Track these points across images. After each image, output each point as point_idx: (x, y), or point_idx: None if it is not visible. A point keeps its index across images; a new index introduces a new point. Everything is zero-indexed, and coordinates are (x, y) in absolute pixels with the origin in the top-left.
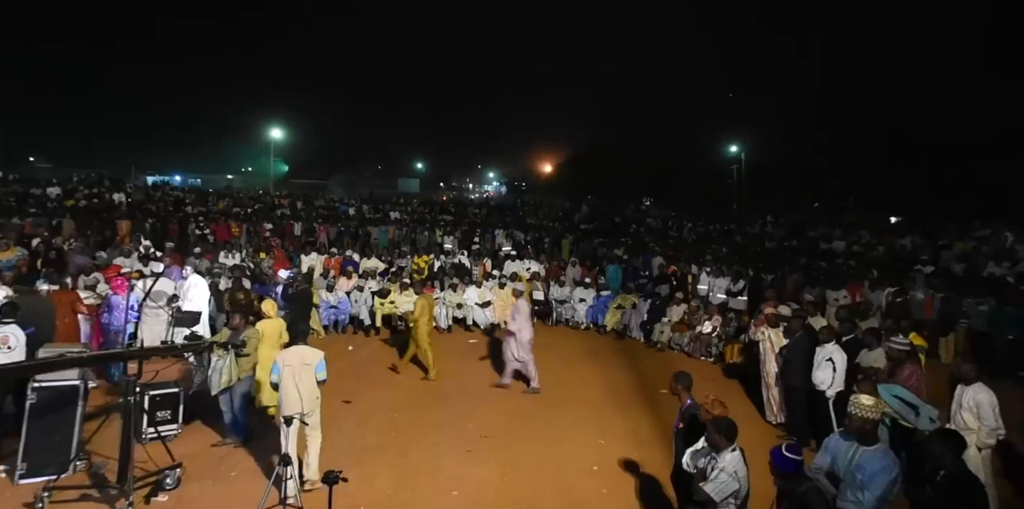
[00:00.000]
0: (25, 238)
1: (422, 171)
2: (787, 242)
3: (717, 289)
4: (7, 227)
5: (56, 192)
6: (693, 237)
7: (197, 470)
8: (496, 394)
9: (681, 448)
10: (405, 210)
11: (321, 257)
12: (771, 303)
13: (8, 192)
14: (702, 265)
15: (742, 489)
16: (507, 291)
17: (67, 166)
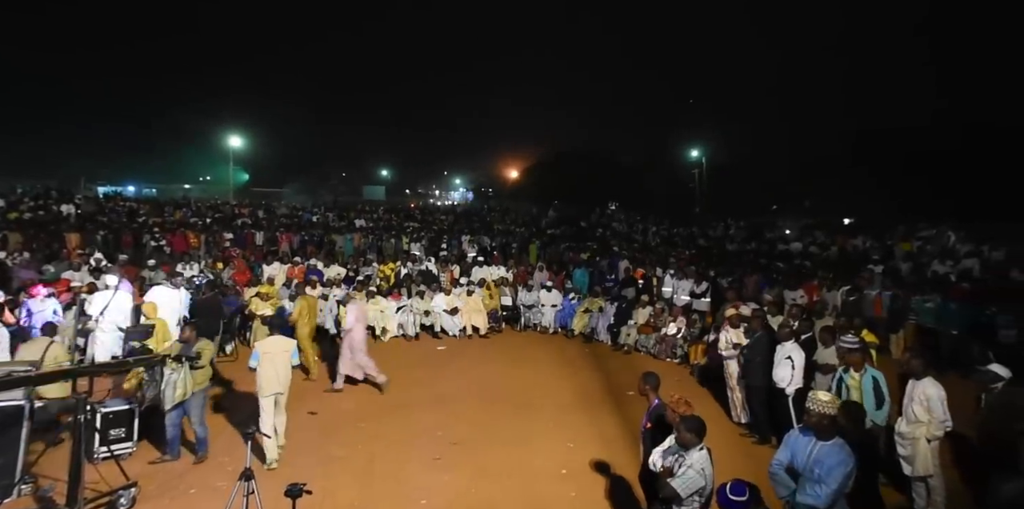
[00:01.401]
0: None
1: (388, 178)
2: (747, 244)
3: (681, 291)
4: None
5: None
6: (658, 240)
7: (154, 489)
8: (466, 401)
9: (649, 448)
10: (371, 217)
11: (284, 266)
12: (733, 304)
13: None
14: (666, 268)
15: (707, 487)
16: (475, 297)
17: (10, 177)
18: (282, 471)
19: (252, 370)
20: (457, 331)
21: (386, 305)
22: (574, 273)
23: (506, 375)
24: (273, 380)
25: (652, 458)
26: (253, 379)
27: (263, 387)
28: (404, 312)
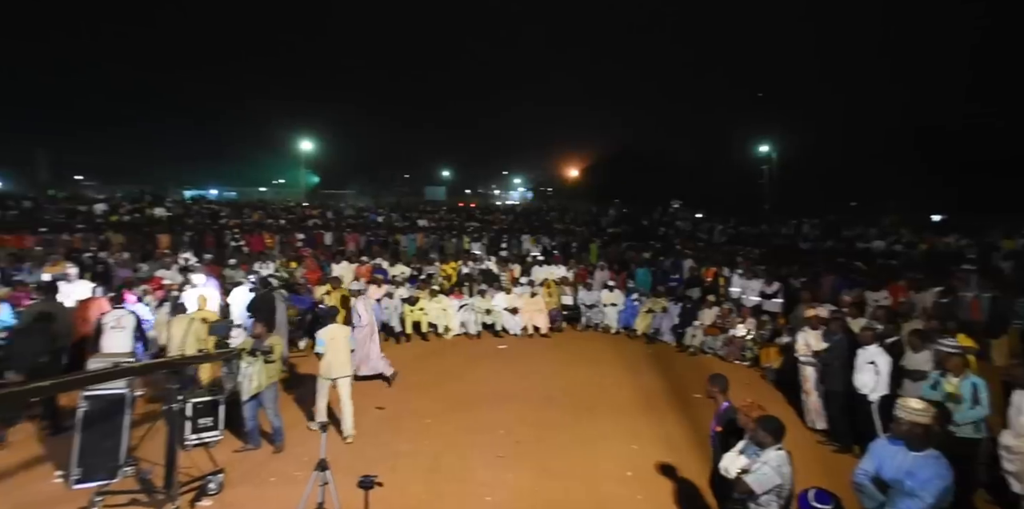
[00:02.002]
0: (74, 253)
1: (448, 178)
2: (822, 242)
3: (750, 291)
4: (57, 243)
5: (102, 208)
6: (724, 239)
7: (238, 476)
8: (528, 401)
9: (719, 452)
10: (433, 217)
11: (352, 265)
12: (809, 305)
13: (58, 209)
14: (734, 267)
15: (785, 486)
16: (536, 297)
17: (111, 183)
18: (353, 463)
19: (318, 356)
20: (518, 330)
21: (448, 303)
22: (636, 272)
23: (568, 375)
24: (336, 363)
25: (723, 463)
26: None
27: (328, 370)
28: (466, 310)
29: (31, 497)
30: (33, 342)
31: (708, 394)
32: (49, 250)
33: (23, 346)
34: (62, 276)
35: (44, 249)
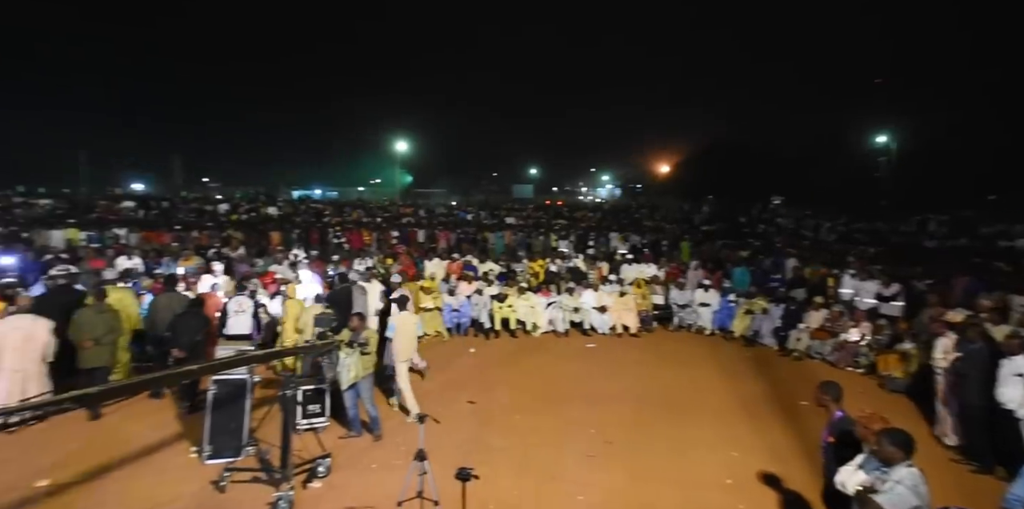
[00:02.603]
0: (201, 249)
1: (536, 176)
2: (952, 240)
3: (865, 293)
4: (189, 239)
5: (224, 208)
6: (833, 237)
7: (343, 461)
8: (618, 401)
9: (832, 465)
10: (520, 215)
11: (443, 262)
12: (938, 309)
13: (189, 209)
14: (844, 267)
15: (923, 508)
16: (626, 296)
17: (232, 185)
18: (448, 456)
19: (388, 340)
20: (607, 329)
21: (536, 301)
22: (733, 272)
23: (659, 376)
24: (403, 348)
25: (839, 477)
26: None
27: (399, 353)
28: (554, 308)
29: (173, 468)
30: (190, 324)
31: (818, 402)
32: (183, 246)
33: (184, 327)
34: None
35: (179, 245)
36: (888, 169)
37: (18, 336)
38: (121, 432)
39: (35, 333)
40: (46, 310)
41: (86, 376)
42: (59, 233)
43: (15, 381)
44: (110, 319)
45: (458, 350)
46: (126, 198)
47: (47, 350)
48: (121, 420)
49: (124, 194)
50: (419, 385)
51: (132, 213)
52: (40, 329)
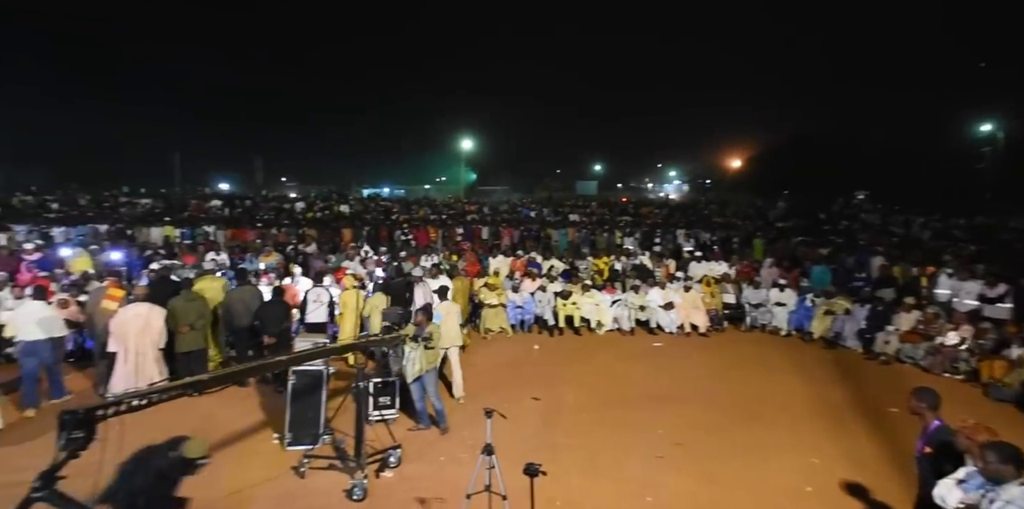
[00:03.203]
0: (280, 246)
1: (600, 173)
2: None
3: (965, 294)
4: (269, 237)
5: (300, 206)
6: (928, 234)
7: (412, 452)
8: (686, 402)
9: (929, 477)
10: (584, 212)
11: (508, 259)
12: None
13: (269, 208)
14: (940, 266)
15: None
16: (694, 294)
17: (307, 184)
18: (514, 451)
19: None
20: (674, 328)
21: (601, 298)
22: (811, 270)
23: (731, 378)
24: (448, 334)
25: (938, 491)
26: (485, 363)
27: (447, 339)
28: (619, 306)
29: (260, 452)
30: (276, 313)
31: (911, 410)
32: (264, 243)
33: (270, 316)
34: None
35: (260, 242)
36: (992, 160)
37: (139, 322)
38: (216, 417)
39: (151, 319)
40: (152, 300)
41: (183, 359)
42: (157, 230)
43: (137, 363)
44: (199, 306)
45: (522, 347)
46: (214, 197)
47: (161, 335)
48: (215, 406)
49: (212, 193)
50: (483, 380)
51: (219, 211)
52: (155, 316)
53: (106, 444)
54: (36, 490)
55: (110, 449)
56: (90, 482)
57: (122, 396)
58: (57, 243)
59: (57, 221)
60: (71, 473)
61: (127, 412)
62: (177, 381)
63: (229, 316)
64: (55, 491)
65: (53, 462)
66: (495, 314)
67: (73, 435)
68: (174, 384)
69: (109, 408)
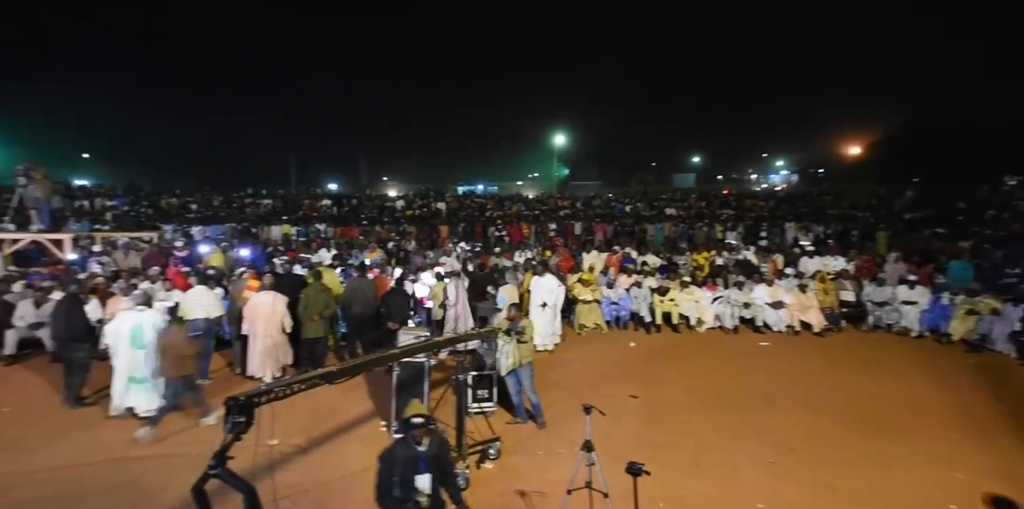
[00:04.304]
0: (382, 242)
1: (698, 165)
2: None
3: None
4: (372, 233)
5: (400, 204)
6: None
7: (511, 445)
8: (799, 406)
9: None
10: (681, 205)
11: (602, 254)
12: None
13: (372, 206)
14: None
15: None
16: (808, 293)
17: (407, 182)
18: (613, 449)
19: (497, 310)
20: (783, 327)
21: (701, 295)
22: (948, 265)
23: (850, 382)
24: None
25: None
26: (580, 360)
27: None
28: (721, 303)
29: (369, 438)
30: (400, 301)
31: None
32: (368, 239)
33: (395, 304)
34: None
35: (365, 238)
36: None
37: (267, 308)
38: (332, 404)
39: (276, 306)
40: (279, 290)
41: (307, 344)
42: (277, 228)
43: (267, 345)
44: (327, 297)
45: (617, 343)
46: (324, 197)
47: (285, 321)
48: (333, 394)
49: (323, 193)
50: (578, 377)
51: (329, 210)
52: (280, 303)
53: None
54: (211, 468)
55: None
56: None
57: (272, 385)
58: (196, 240)
59: (196, 221)
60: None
61: (275, 399)
62: (312, 372)
63: (346, 305)
64: (227, 469)
65: (222, 444)
66: (589, 310)
67: (237, 419)
68: (311, 375)
69: (263, 396)
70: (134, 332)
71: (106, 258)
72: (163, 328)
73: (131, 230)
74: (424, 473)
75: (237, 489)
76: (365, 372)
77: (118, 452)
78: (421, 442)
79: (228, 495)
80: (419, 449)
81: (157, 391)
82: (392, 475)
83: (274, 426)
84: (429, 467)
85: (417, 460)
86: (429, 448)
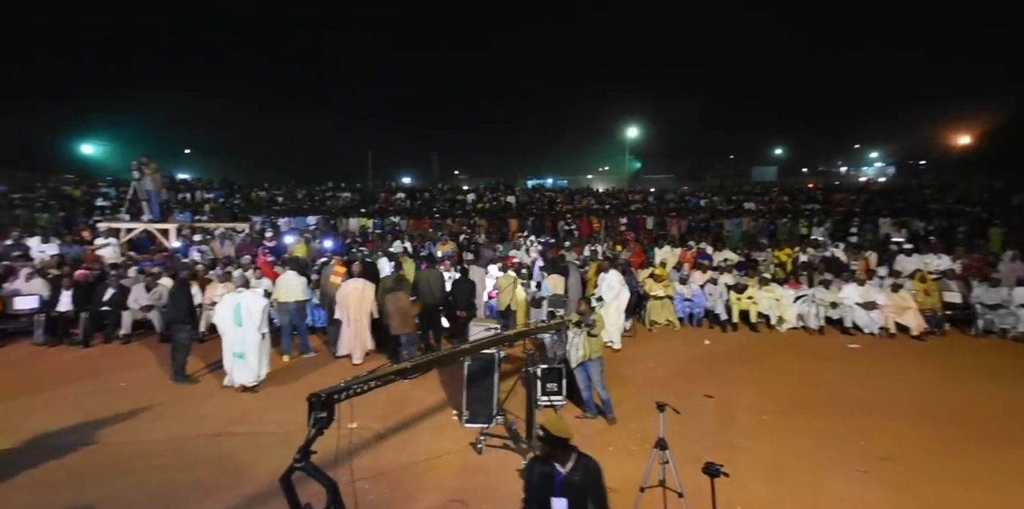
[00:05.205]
0: (454, 235)
1: (780, 157)
2: None
3: None
4: (444, 226)
5: (471, 198)
6: None
7: (580, 441)
8: (893, 414)
9: None
10: (762, 200)
11: (675, 250)
12: None
13: (444, 199)
14: None
15: None
16: (904, 292)
17: (477, 176)
18: (685, 448)
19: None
20: (875, 328)
21: (782, 293)
22: None
23: (954, 390)
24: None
25: None
26: (651, 357)
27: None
28: (804, 302)
29: (442, 427)
30: (465, 290)
31: None
32: (440, 232)
33: (461, 292)
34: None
35: (438, 231)
36: None
37: (356, 295)
38: (406, 392)
39: (365, 293)
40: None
41: (387, 331)
42: (355, 220)
43: (356, 329)
44: (406, 285)
45: (691, 341)
46: (399, 191)
47: (373, 306)
48: (407, 382)
49: (397, 187)
50: (649, 374)
51: (403, 203)
52: (368, 290)
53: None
54: (297, 461)
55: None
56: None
57: (350, 383)
58: (282, 231)
59: (282, 212)
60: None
61: (354, 396)
62: (387, 369)
63: (417, 294)
64: (310, 463)
65: (307, 438)
66: (661, 306)
67: (319, 415)
68: (386, 372)
69: (342, 393)
70: (235, 311)
71: (205, 247)
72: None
73: (226, 221)
74: (560, 497)
75: (320, 483)
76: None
77: (217, 428)
78: (561, 462)
79: (312, 482)
80: (558, 469)
81: (252, 367)
82: (531, 489)
83: (352, 411)
84: (565, 492)
85: (551, 480)
86: (571, 473)
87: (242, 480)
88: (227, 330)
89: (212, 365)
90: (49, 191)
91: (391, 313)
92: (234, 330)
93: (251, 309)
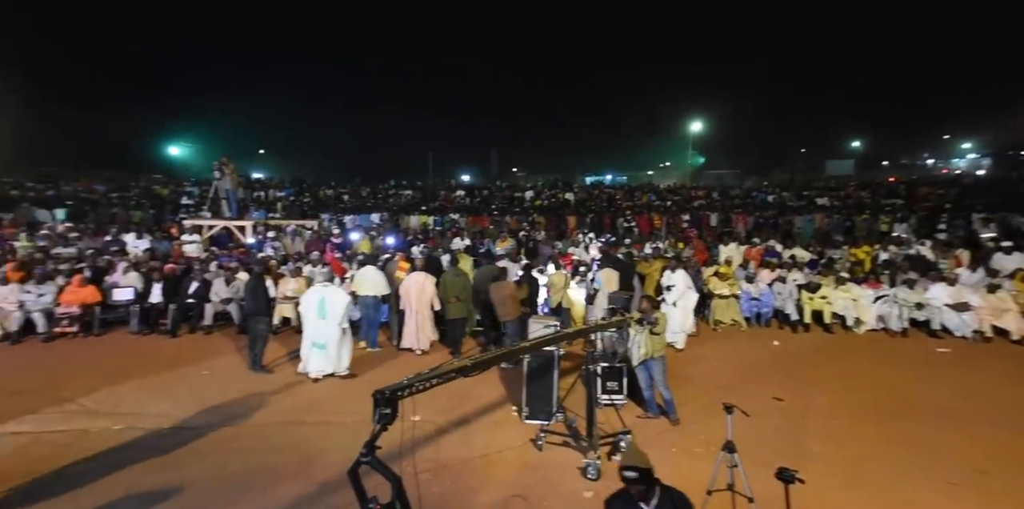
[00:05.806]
0: (513, 232)
1: (858, 150)
2: None
3: None
4: (503, 224)
5: (529, 195)
6: None
7: (642, 440)
8: (988, 423)
9: None
10: (837, 195)
11: (741, 247)
12: None
13: (502, 197)
14: None
15: None
16: (1001, 293)
17: (536, 173)
18: (754, 452)
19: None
20: (968, 332)
21: (860, 293)
22: None
23: None
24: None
25: None
26: (717, 357)
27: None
28: (885, 303)
29: (502, 422)
30: (532, 286)
31: None
32: (499, 229)
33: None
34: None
35: (496, 228)
36: None
37: (417, 288)
38: (468, 388)
39: (426, 286)
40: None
41: (450, 324)
42: (415, 218)
43: (418, 321)
44: (464, 281)
45: (758, 342)
46: (458, 188)
47: (433, 299)
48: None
49: (457, 185)
50: (714, 375)
51: (463, 201)
52: (429, 283)
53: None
54: (363, 456)
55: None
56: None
57: (413, 380)
58: (348, 228)
59: (347, 210)
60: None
61: (416, 392)
62: (448, 367)
63: (476, 291)
64: (376, 458)
65: (372, 433)
66: (726, 305)
67: (383, 411)
68: (447, 370)
69: (405, 390)
70: (320, 304)
71: (277, 243)
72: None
73: (296, 218)
74: None
75: (385, 478)
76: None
77: (290, 416)
78: (645, 499)
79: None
80: (641, 507)
81: (332, 357)
82: None
83: (415, 404)
84: None
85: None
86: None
87: (312, 467)
88: (309, 320)
89: (286, 356)
90: (141, 190)
91: (497, 302)
92: (316, 321)
93: (334, 304)
